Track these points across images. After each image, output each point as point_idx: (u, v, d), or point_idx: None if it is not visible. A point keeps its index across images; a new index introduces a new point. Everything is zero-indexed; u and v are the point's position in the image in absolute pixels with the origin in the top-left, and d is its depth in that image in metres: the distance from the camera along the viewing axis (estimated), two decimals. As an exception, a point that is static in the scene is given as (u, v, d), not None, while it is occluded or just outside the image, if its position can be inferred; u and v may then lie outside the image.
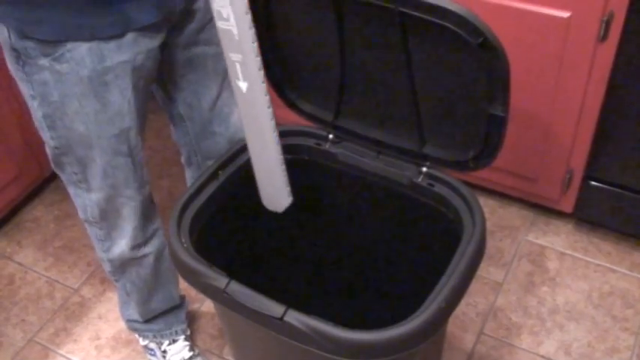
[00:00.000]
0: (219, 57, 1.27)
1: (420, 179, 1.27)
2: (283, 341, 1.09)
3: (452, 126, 1.20)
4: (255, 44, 0.93)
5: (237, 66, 0.93)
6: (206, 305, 1.96)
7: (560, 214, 2.13)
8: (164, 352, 1.75)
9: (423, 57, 1.12)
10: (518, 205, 2.19)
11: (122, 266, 1.51)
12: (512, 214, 2.17)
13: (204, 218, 1.25)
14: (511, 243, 2.09)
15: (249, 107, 0.99)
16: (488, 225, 2.13)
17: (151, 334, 1.74)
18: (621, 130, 1.78)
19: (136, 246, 1.46)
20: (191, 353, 1.76)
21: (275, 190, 1.14)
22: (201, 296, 1.88)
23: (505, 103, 1.09)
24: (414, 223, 1.34)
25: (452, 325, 1.87)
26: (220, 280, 1.12)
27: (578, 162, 1.91)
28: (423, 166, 1.27)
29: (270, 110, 0.98)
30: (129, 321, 1.74)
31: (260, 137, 1.04)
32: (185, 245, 1.18)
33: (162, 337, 1.74)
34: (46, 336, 1.93)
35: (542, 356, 1.81)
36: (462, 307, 1.92)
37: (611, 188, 1.91)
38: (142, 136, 1.32)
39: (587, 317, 1.88)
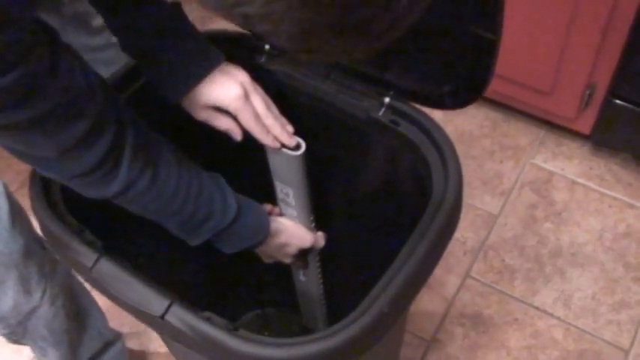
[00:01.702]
0: None
1: (380, 113, 0.93)
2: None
3: (424, 48, 0.85)
4: (319, 262, 1.08)
5: (300, 270, 1.11)
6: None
7: (575, 135, 1.78)
8: None
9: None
10: (527, 121, 1.84)
11: (22, 323, 1.14)
12: (519, 130, 1.83)
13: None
14: (514, 166, 1.76)
15: (305, 288, 1.16)
16: (488, 143, 1.81)
17: None
18: (661, 40, 1.41)
19: (32, 290, 1.11)
20: None
21: (314, 321, 1.25)
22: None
23: (496, 21, 0.73)
24: (374, 170, 1.02)
25: (433, 265, 1.59)
26: (87, 256, 0.81)
27: (603, 76, 1.57)
28: (386, 96, 0.93)
29: (322, 290, 1.16)
30: None
31: (310, 300, 1.20)
32: (54, 199, 0.87)
33: None
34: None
35: (537, 308, 1.53)
36: (447, 244, 1.62)
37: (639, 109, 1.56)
38: None
39: (595, 263, 1.58)
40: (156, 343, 1.50)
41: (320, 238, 1.01)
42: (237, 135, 0.89)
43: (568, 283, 1.56)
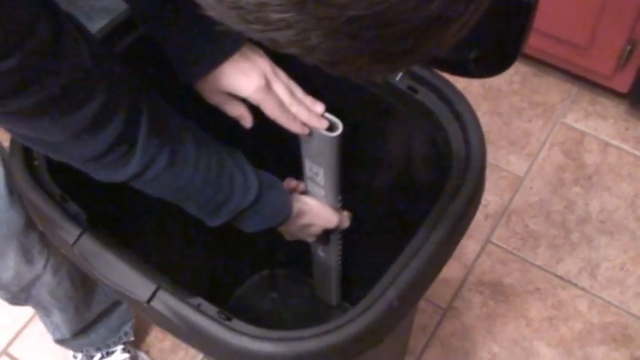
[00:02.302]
0: None
1: (397, 78, 0.84)
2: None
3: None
4: (340, 240, 1.03)
5: (320, 247, 1.06)
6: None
7: (611, 93, 1.67)
8: None
9: None
10: (559, 76, 1.72)
11: (25, 290, 1.10)
12: (550, 86, 1.71)
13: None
14: (543, 125, 1.65)
15: (323, 262, 1.11)
16: (517, 99, 1.70)
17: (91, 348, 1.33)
18: None
19: (34, 259, 1.06)
20: None
21: (328, 294, 1.21)
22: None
23: (534, -18, 0.63)
24: (391, 141, 0.93)
25: (453, 229, 1.51)
26: (69, 231, 0.74)
27: (646, 31, 1.43)
28: (404, 59, 0.83)
29: (340, 266, 1.11)
30: (59, 341, 1.31)
31: (326, 275, 1.14)
32: (37, 165, 0.80)
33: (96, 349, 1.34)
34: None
35: (560, 277, 1.45)
36: (468, 207, 1.54)
37: (685, 69, 1.44)
38: None
39: (626, 231, 1.50)
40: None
41: (345, 219, 0.95)
42: (248, 123, 0.83)
43: (595, 252, 1.47)
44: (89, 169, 0.70)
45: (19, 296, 1.12)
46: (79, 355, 1.35)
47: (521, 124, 1.66)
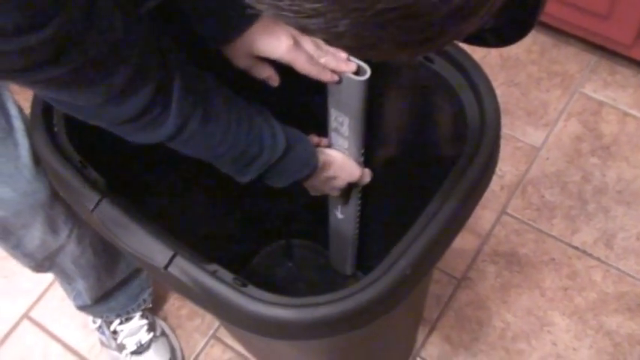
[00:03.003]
0: None
1: (413, 47, 0.84)
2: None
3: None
4: (359, 200, 1.04)
5: (339, 207, 1.07)
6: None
7: (630, 62, 1.65)
8: (114, 332, 1.38)
9: None
10: (578, 46, 1.70)
11: (49, 258, 1.12)
12: (569, 56, 1.70)
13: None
14: (561, 95, 1.64)
15: (340, 227, 1.13)
16: (535, 69, 1.68)
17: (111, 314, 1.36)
18: None
19: (59, 229, 1.07)
20: (150, 335, 1.38)
21: (343, 263, 1.23)
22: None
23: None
24: (407, 111, 0.93)
25: (468, 199, 1.51)
26: (89, 197, 0.76)
27: (668, 0, 1.41)
28: (420, 27, 0.83)
29: (357, 232, 1.13)
30: (80, 307, 1.34)
31: (343, 241, 1.16)
32: (56, 131, 0.81)
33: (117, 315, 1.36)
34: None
35: (576, 248, 1.45)
36: (484, 177, 1.54)
37: None
38: None
39: (643, 202, 1.49)
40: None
41: (366, 174, 0.97)
42: (276, 82, 0.85)
43: (611, 222, 1.47)
44: (125, 131, 0.72)
45: (43, 264, 1.14)
46: (99, 321, 1.38)
47: (539, 95, 1.64)
